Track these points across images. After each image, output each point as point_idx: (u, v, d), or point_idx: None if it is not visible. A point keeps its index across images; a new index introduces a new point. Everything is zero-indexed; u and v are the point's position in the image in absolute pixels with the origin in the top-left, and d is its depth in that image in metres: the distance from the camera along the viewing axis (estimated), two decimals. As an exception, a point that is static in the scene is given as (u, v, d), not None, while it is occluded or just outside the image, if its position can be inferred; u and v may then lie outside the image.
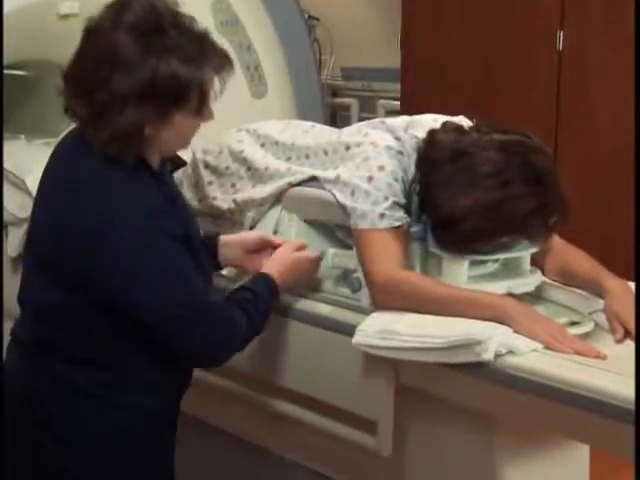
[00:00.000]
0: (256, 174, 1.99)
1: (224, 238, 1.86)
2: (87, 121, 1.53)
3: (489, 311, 1.60)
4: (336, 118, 4.55)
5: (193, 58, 1.50)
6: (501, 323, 1.58)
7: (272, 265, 1.77)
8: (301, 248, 1.83)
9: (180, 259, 1.55)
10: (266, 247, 1.85)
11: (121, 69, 1.47)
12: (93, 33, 1.53)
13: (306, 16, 3.66)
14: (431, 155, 1.69)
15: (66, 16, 2.70)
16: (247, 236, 1.89)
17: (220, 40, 3.12)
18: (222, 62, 1.56)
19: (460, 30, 3.63)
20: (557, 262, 1.80)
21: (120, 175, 1.52)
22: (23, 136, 2.92)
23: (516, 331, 1.56)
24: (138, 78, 1.47)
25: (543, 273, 1.81)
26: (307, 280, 1.85)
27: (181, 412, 1.80)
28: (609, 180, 3.22)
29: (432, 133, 1.73)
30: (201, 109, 1.55)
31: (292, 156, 1.97)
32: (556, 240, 1.81)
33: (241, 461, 2.16)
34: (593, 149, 3.30)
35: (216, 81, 1.55)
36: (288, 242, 1.85)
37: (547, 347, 1.54)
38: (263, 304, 1.69)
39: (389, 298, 1.70)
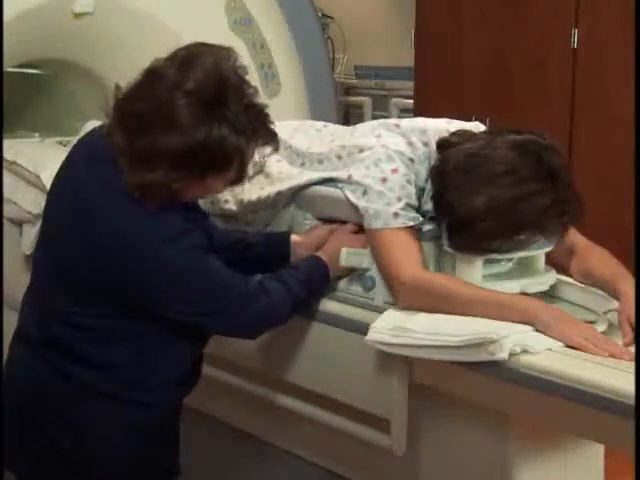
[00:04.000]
0: (268, 177, 1.99)
1: (295, 238, 1.90)
2: (123, 154, 1.52)
3: (521, 315, 1.58)
4: (349, 116, 4.54)
5: (244, 131, 1.51)
6: (531, 326, 1.57)
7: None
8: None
9: (216, 266, 1.61)
10: None
11: (170, 130, 1.47)
12: (155, 79, 1.51)
13: (319, 14, 3.67)
14: (444, 168, 1.70)
15: (80, 15, 2.71)
16: (319, 234, 1.89)
17: (234, 39, 3.16)
18: (269, 140, 1.58)
19: (474, 29, 3.62)
20: (581, 264, 1.79)
21: (138, 205, 1.53)
22: (37, 134, 2.93)
23: (550, 335, 1.55)
24: (184, 142, 1.47)
25: (567, 274, 1.80)
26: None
27: (192, 409, 1.81)
28: (623, 176, 3.21)
29: (444, 151, 1.73)
30: (237, 178, 1.57)
31: (305, 162, 1.98)
32: (581, 241, 1.81)
33: (252, 459, 2.16)
34: (607, 146, 3.29)
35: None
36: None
37: (582, 350, 1.52)
38: (304, 275, 1.75)
39: (416, 299, 1.69)
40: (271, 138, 1.59)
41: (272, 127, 1.58)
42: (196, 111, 1.47)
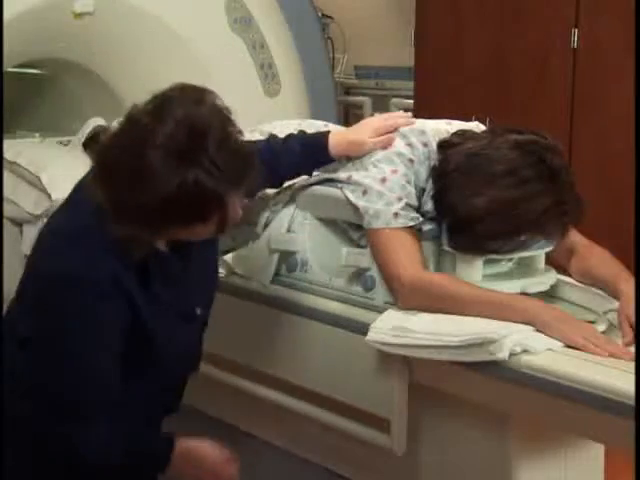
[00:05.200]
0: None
1: (330, 142, 1.84)
2: (104, 203, 1.44)
3: (521, 315, 1.58)
4: (349, 116, 4.54)
5: (223, 178, 1.39)
6: (531, 326, 1.57)
7: (188, 451, 1.59)
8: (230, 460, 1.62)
9: (95, 353, 1.47)
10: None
11: (141, 185, 1.38)
12: (129, 128, 1.43)
13: (319, 14, 3.67)
14: (445, 168, 1.70)
15: (81, 15, 2.71)
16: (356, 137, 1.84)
17: (234, 38, 3.16)
18: (252, 185, 1.48)
19: (474, 29, 3.62)
20: (581, 264, 1.80)
21: (90, 241, 1.46)
22: (37, 134, 2.94)
23: (550, 335, 1.55)
24: (155, 198, 1.38)
25: (567, 274, 1.81)
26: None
27: (191, 408, 1.80)
28: (624, 176, 3.21)
29: (445, 151, 1.73)
30: (220, 225, 1.46)
31: None
32: (581, 241, 1.81)
33: (251, 458, 2.16)
34: (607, 147, 3.29)
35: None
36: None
37: (582, 350, 1.53)
38: (144, 456, 1.57)
39: (416, 299, 1.69)
40: (253, 182, 1.47)
41: (256, 173, 1.46)
42: (167, 164, 1.38)
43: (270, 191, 1.98)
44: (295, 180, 1.96)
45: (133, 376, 1.54)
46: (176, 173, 1.38)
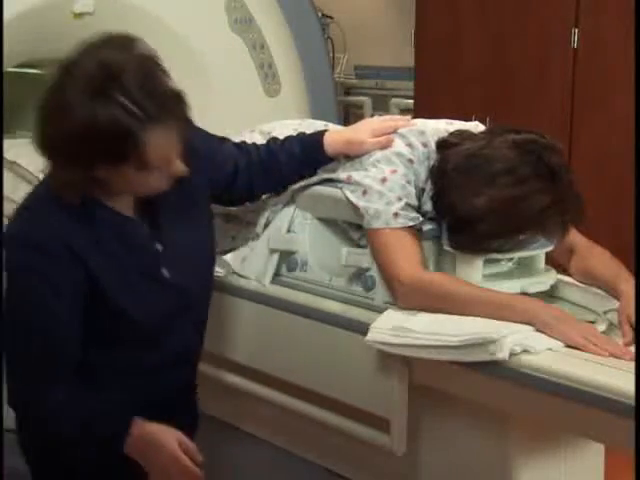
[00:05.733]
0: None
1: (326, 140, 1.85)
2: (39, 145, 1.50)
3: (521, 315, 1.59)
4: (349, 116, 4.54)
5: (138, 114, 1.43)
6: (531, 326, 1.57)
7: (149, 433, 1.54)
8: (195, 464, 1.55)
9: (48, 317, 1.51)
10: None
11: (61, 115, 1.44)
12: (59, 73, 1.48)
13: (319, 14, 3.67)
14: (444, 168, 1.70)
15: (81, 15, 2.71)
16: (353, 138, 1.84)
17: (234, 38, 3.15)
18: (178, 125, 1.48)
19: (474, 28, 3.62)
20: (581, 264, 1.80)
21: (45, 207, 1.52)
22: (38, 134, 2.93)
23: (550, 335, 1.55)
24: (76, 126, 1.42)
25: (567, 274, 1.81)
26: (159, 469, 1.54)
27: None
28: (624, 176, 3.21)
29: (443, 151, 1.73)
30: (142, 166, 1.47)
31: None
32: (581, 241, 1.82)
33: (251, 458, 2.16)
34: (607, 147, 3.29)
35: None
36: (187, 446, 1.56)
37: (582, 350, 1.53)
38: (99, 428, 1.54)
39: (415, 299, 1.69)
40: (179, 122, 1.48)
41: (183, 112, 1.49)
42: (83, 98, 1.42)
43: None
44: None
45: (99, 340, 1.56)
46: (90, 107, 1.42)
